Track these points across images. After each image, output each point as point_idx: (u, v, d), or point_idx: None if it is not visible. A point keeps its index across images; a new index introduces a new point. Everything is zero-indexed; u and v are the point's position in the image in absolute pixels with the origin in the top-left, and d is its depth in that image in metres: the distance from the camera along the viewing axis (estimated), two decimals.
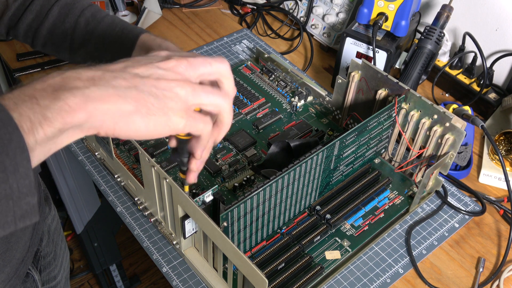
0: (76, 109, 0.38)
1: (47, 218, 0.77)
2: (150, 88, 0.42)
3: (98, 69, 0.41)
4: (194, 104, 0.44)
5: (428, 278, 0.72)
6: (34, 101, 0.37)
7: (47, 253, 0.76)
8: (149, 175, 0.66)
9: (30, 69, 1.02)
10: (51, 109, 0.37)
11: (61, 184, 1.32)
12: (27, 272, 0.68)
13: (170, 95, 0.42)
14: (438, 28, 0.91)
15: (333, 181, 0.79)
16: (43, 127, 0.36)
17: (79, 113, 0.38)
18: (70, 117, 0.37)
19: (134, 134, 0.42)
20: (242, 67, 1.02)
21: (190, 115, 0.44)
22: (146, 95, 0.41)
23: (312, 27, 1.13)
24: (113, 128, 0.40)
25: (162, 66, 0.44)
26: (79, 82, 0.39)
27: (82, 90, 0.38)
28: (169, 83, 0.43)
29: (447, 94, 1.03)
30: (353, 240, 0.74)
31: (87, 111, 0.38)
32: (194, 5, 1.22)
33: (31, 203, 0.36)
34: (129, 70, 0.42)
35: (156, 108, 0.42)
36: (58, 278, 0.82)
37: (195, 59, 0.46)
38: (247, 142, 0.85)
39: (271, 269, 0.68)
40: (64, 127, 0.37)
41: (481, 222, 0.80)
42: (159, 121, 0.42)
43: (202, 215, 0.58)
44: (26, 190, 0.35)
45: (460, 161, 0.86)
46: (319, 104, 0.94)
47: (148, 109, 0.41)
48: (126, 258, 1.76)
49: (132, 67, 0.43)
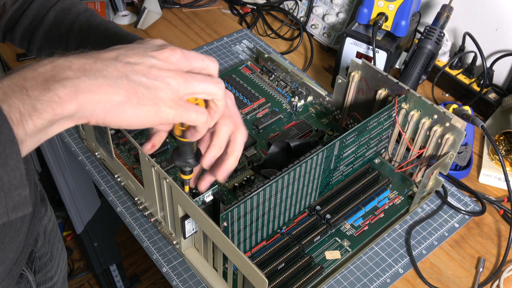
0: (67, 100, 0.37)
1: (43, 219, 0.77)
2: (141, 78, 0.42)
3: (90, 56, 0.41)
4: (186, 93, 0.44)
5: (428, 278, 0.72)
6: (24, 92, 0.36)
7: (43, 254, 0.76)
8: (149, 175, 0.66)
9: None
10: (41, 100, 0.36)
11: (61, 184, 1.32)
12: (21, 273, 0.67)
13: (161, 85, 0.42)
14: (438, 28, 0.91)
15: (333, 181, 0.79)
16: (33, 118, 0.36)
17: (69, 104, 0.38)
18: (61, 108, 0.37)
19: (124, 123, 0.42)
20: (242, 67, 1.02)
21: (181, 105, 0.44)
22: (137, 85, 0.41)
23: (312, 27, 1.13)
24: (104, 117, 0.40)
25: (156, 55, 0.44)
26: (69, 71, 0.39)
27: (73, 81, 0.38)
28: (161, 72, 0.43)
29: (447, 94, 1.03)
30: (353, 240, 0.74)
31: (77, 102, 0.38)
32: (194, 5, 1.22)
33: (23, 194, 0.36)
34: (121, 59, 0.42)
35: (147, 98, 0.42)
36: (55, 279, 0.81)
37: (189, 52, 0.46)
38: (247, 142, 0.85)
39: (271, 269, 0.68)
40: (54, 118, 0.37)
41: (481, 222, 0.80)
42: (149, 111, 0.42)
43: (202, 215, 0.58)
44: (17, 182, 0.35)
45: (460, 161, 0.86)
46: (319, 104, 0.94)
47: (139, 99, 0.41)
48: (126, 258, 1.76)
49: (124, 55, 0.42)
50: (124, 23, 1.16)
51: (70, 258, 1.74)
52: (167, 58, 0.44)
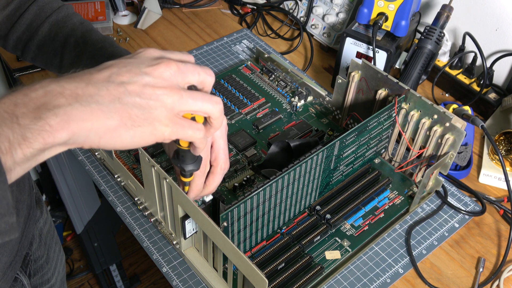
0: (58, 129, 0.37)
1: (38, 222, 0.76)
2: (134, 99, 0.41)
3: (82, 79, 0.40)
4: (181, 111, 0.44)
5: (428, 278, 0.72)
6: (14, 120, 0.35)
7: (38, 257, 0.75)
8: (149, 175, 0.66)
9: (30, 69, 1.01)
10: (31, 129, 0.35)
11: (61, 184, 1.31)
12: (16, 276, 0.67)
13: (155, 104, 0.41)
14: (438, 28, 0.91)
15: (333, 181, 0.79)
16: (22, 147, 0.35)
17: (61, 133, 0.37)
18: (52, 137, 0.36)
19: (120, 146, 0.41)
20: (242, 67, 1.02)
21: (176, 123, 0.43)
22: (130, 107, 0.40)
23: (312, 27, 1.13)
24: (98, 142, 0.40)
25: (150, 72, 0.42)
26: (61, 98, 0.38)
27: (65, 108, 0.37)
28: (155, 90, 0.42)
29: (447, 94, 1.03)
30: (353, 240, 0.74)
31: (69, 130, 0.37)
32: (194, 5, 1.22)
33: (10, 221, 0.35)
34: (114, 79, 0.41)
35: (141, 119, 0.41)
36: (52, 281, 0.81)
37: (185, 66, 0.44)
38: (247, 142, 0.85)
39: (271, 269, 0.68)
40: (45, 147, 0.37)
41: (481, 222, 0.80)
42: (144, 131, 0.42)
43: (202, 215, 0.58)
44: (4, 211, 0.35)
45: (460, 161, 0.86)
46: (319, 104, 0.94)
47: (133, 121, 0.41)
48: (126, 258, 1.76)
49: (117, 74, 0.41)
50: (124, 23, 1.16)
51: (70, 258, 1.74)
52: (161, 74, 0.43)
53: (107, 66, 0.42)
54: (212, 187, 0.61)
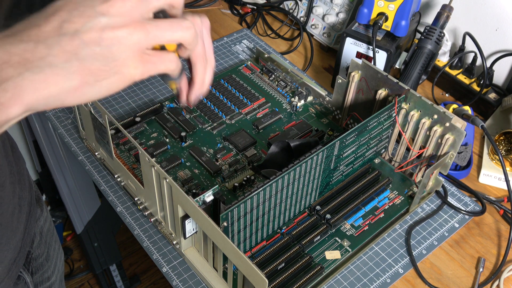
0: (11, 105, 0.33)
1: (39, 220, 0.76)
2: (93, 49, 0.35)
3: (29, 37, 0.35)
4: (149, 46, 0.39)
5: (428, 278, 0.72)
6: None
7: (39, 255, 0.75)
8: (149, 175, 0.66)
9: None
10: None
11: (61, 184, 1.31)
12: (19, 274, 0.67)
13: (118, 49, 0.36)
14: (438, 28, 0.91)
15: (333, 181, 0.79)
16: None
17: (14, 108, 0.34)
18: (5, 114, 0.34)
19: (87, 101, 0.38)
20: (242, 67, 1.02)
21: (145, 61, 0.38)
22: (90, 61, 0.36)
23: (312, 27, 1.13)
24: (62, 103, 0.36)
25: (106, 10, 0.36)
26: (9, 69, 0.33)
27: (14, 80, 0.33)
28: (115, 32, 0.36)
29: (447, 94, 1.03)
30: (353, 240, 0.74)
31: (23, 104, 0.34)
32: (194, 5, 1.22)
33: None
34: (66, 28, 0.35)
35: (105, 71, 0.36)
36: (52, 279, 0.81)
37: None
38: (247, 142, 0.85)
39: (271, 269, 0.68)
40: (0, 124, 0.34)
41: (481, 222, 0.80)
42: (111, 82, 0.37)
43: (202, 215, 0.58)
44: None
45: (460, 161, 0.86)
46: (319, 104, 0.94)
47: (97, 75, 0.36)
48: (126, 258, 1.76)
49: (68, 22, 0.35)
50: None
51: (70, 258, 1.74)
52: (119, 10, 0.36)
53: (56, 10, 0.36)
54: (200, 80, 0.49)
